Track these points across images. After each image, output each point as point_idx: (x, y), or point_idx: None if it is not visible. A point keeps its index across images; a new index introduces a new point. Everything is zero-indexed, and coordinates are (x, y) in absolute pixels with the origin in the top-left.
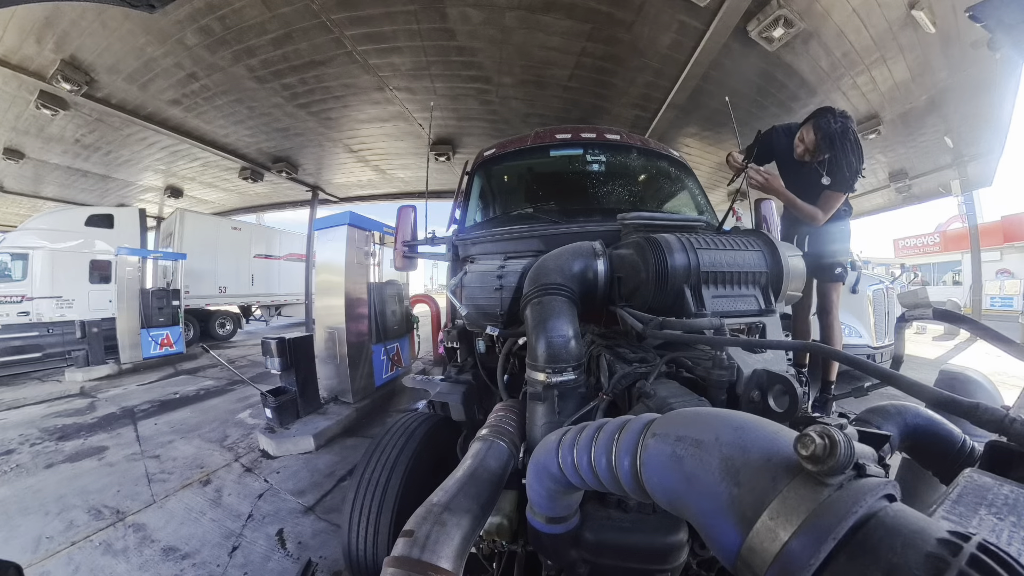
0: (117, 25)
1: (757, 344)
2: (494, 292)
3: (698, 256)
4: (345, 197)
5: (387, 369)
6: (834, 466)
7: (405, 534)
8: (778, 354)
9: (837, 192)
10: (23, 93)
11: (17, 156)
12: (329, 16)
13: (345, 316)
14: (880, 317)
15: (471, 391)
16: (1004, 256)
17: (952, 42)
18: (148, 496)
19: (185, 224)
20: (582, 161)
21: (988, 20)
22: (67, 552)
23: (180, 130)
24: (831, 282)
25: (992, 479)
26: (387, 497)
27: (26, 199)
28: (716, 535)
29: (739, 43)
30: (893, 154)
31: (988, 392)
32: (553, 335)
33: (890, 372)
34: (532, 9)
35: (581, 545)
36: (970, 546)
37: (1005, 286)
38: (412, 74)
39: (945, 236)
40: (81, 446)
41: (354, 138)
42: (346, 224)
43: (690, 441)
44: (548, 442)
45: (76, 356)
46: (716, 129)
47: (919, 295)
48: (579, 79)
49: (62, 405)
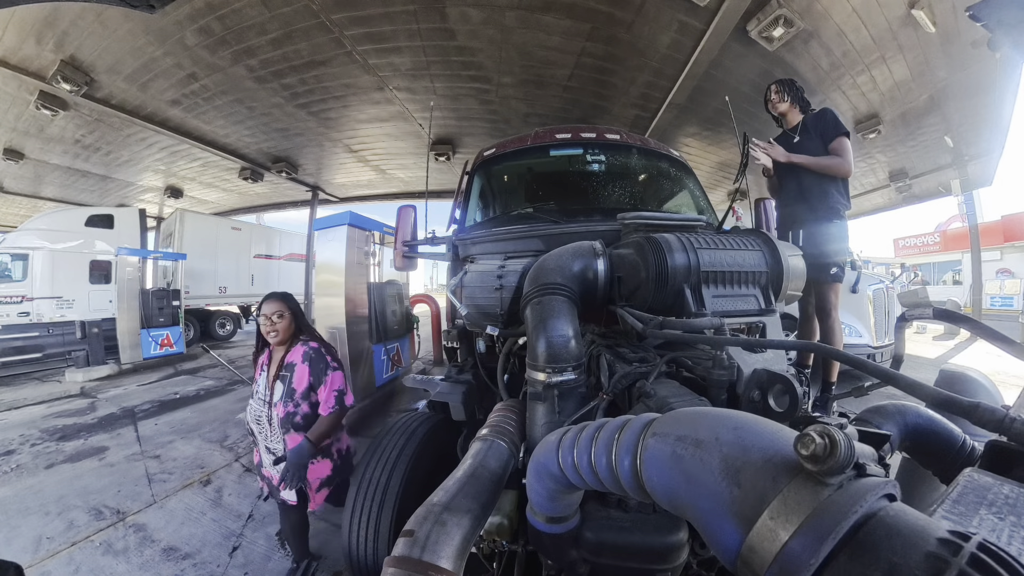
0: (117, 25)
1: (757, 344)
2: (494, 292)
3: (698, 256)
4: (345, 197)
5: (387, 369)
6: (834, 466)
7: (405, 534)
8: (778, 354)
9: (840, 137)
10: (23, 93)
11: (17, 156)
12: (329, 16)
13: (345, 316)
14: (880, 317)
15: (471, 391)
16: (1004, 256)
17: (952, 42)
18: (148, 496)
19: (185, 224)
20: (582, 161)
21: (988, 20)
22: (67, 552)
23: (180, 130)
24: (829, 283)
25: (992, 479)
26: (387, 497)
27: (26, 199)
28: (716, 535)
29: (739, 43)
30: (893, 153)
31: (988, 392)
32: (553, 335)
33: (890, 372)
34: (532, 9)
35: (581, 545)
36: (970, 546)
37: (1005, 286)
38: (412, 74)
39: (945, 236)
40: (81, 446)
41: (354, 138)
42: (346, 224)
43: (690, 441)
44: (548, 442)
45: (76, 356)
46: (716, 129)
47: (919, 295)
48: (579, 79)
49: (62, 405)
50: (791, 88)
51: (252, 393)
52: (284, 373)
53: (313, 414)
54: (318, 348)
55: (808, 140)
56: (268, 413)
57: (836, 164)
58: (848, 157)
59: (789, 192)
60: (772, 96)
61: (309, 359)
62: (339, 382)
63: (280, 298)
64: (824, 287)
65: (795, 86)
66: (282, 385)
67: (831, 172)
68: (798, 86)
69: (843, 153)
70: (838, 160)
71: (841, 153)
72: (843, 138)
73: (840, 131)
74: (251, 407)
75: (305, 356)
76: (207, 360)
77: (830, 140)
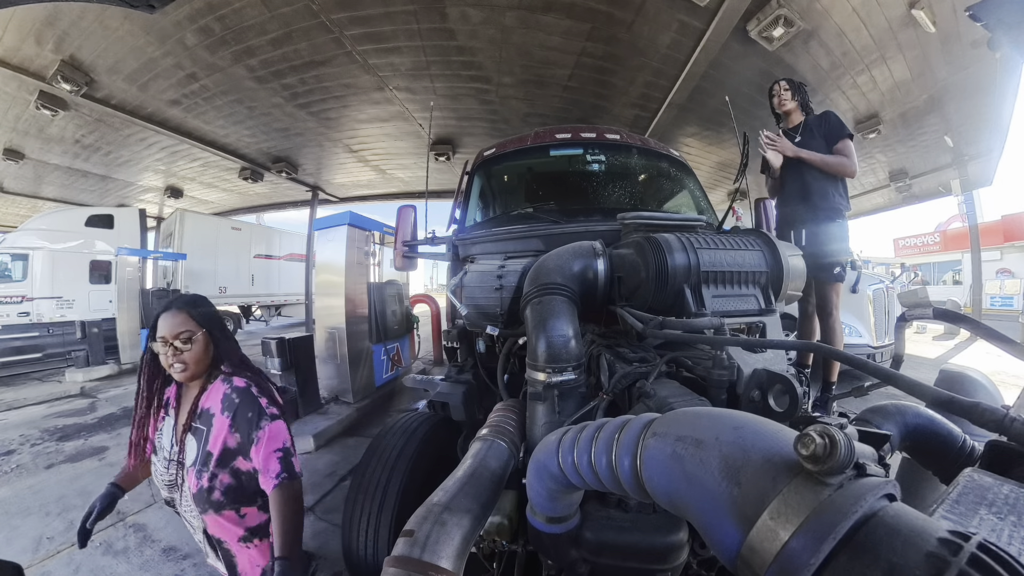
0: (117, 25)
1: (757, 344)
2: (494, 292)
3: (698, 256)
4: (345, 197)
5: (387, 369)
6: (834, 466)
7: (405, 534)
8: (778, 354)
9: (845, 139)
10: (23, 93)
11: (17, 156)
12: (329, 16)
13: (345, 316)
14: (880, 317)
15: (471, 391)
16: (1004, 256)
17: (952, 42)
18: (148, 496)
19: (185, 224)
20: (582, 161)
21: (988, 20)
22: (67, 552)
23: (180, 130)
24: (830, 283)
25: (992, 479)
26: (387, 497)
27: (26, 199)
28: (716, 535)
29: (739, 43)
30: (893, 153)
31: (988, 392)
32: (553, 335)
33: (890, 372)
34: (532, 9)
35: (581, 545)
36: (970, 546)
37: (1005, 286)
38: (412, 74)
39: (945, 236)
40: (82, 446)
41: (354, 138)
42: (346, 224)
43: (690, 441)
44: (548, 442)
45: (76, 356)
46: (716, 129)
47: (919, 295)
48: (579, 79)
49: (62, 405)
50: (800, 89)
51: (155, 447)
52: (198, 425)
53: (240, 486)
54: (246, 387)
55: (810, 140)
56: (178, 477)
57: (843, 163)
58: (853, 159)
59: (790, 192)
60: (781, 92)
61: (232, 405)
62: (281, 437)
63: (187, 309)
64: (825, 287)
65: (803, 88)
66: (195, 441)
67: (837, 171)
68: (806, 89)
69: (848, 154)
70: (845, 160)
71: (847, 154)
72: (847, 140)
73: (844, 133)
74: (155, 466)
75: (227, 401)
76: None
77: (835, 141)
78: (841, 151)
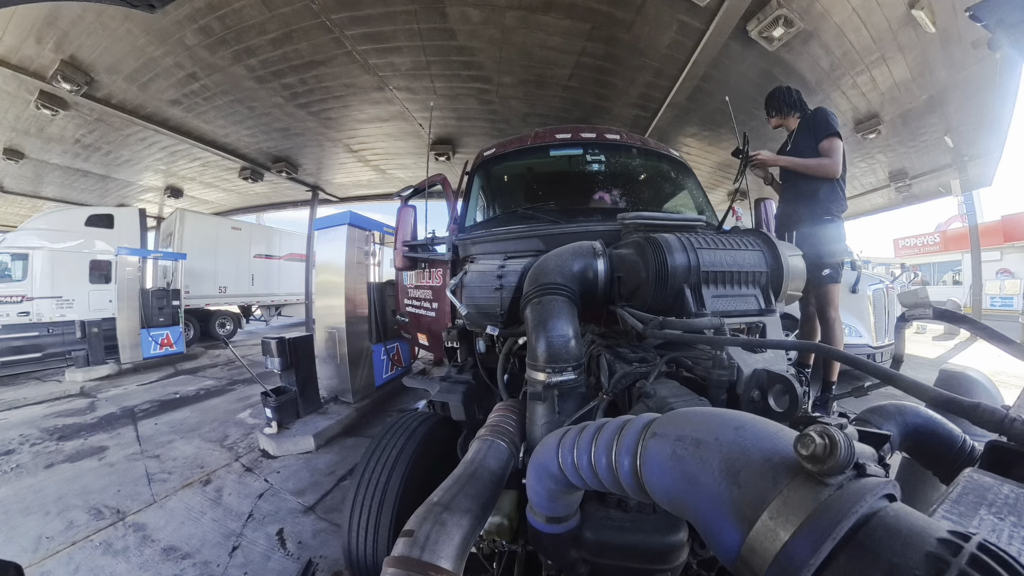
0: (117, 25)
1: (757, 344)
2: (494, 292)
3: (698, 256)
4: (345, 197)
5: (387, 369)
6: (834, 466)
7: (405, 534)
8: (778, 354)
9: (830, 137)
10: (23, 93)
11: (17, 156)
12: (329, 16)
13: (345, 316)
14: (880, 317)
15: (471, 391)
16: (1004, 256)
17: (952, 42)
18: (148, 496)
19: (185, 224)
20: (582, 161)
21: (988, 20)
22: (67, 552)
23: (180, 130)
24: (822, 284)
25: (992, 479)
26: (387, 497)
27: (26, 199)
28: (716, 535)
29: (739, 43)
30: (893, 154)
31: (988, 392)
32: (553, 335)
33: (890, 372)
34: (532, 9)
35: (581, 545)
36: (970, 546)
37: (1005, 286)
38: (412, 74)
39: (945, 236)
40: (81, 446)
41: (354, 138)
42: (346, 224)
43: (690, 441)
44: (548, 442)
45: (76, 356)
46: (716, 129)
47: (919, 295)
48: (579, 79)
49: (62, 405)
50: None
51: None
52: None
53: None
54: None
55: (804, 140)
56: None
57: (820, 165)
58: (836, 157)
59: (786, 193)
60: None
61: None
62: None
63: None
64: (822, 288)
65: (779, 98)
66: None
67: (817, 173)
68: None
69: (831, 153)
70: (825, 161)
71: (830, 153)
72: (833, 138)
73: (829, 131)
74: None
75: None
76: (207, 360)
77: (820, 140)
78: (824, 150)
